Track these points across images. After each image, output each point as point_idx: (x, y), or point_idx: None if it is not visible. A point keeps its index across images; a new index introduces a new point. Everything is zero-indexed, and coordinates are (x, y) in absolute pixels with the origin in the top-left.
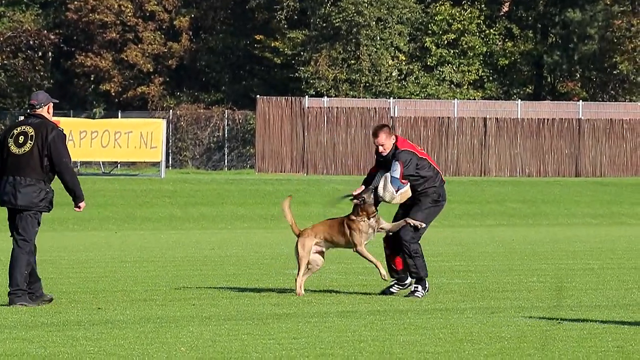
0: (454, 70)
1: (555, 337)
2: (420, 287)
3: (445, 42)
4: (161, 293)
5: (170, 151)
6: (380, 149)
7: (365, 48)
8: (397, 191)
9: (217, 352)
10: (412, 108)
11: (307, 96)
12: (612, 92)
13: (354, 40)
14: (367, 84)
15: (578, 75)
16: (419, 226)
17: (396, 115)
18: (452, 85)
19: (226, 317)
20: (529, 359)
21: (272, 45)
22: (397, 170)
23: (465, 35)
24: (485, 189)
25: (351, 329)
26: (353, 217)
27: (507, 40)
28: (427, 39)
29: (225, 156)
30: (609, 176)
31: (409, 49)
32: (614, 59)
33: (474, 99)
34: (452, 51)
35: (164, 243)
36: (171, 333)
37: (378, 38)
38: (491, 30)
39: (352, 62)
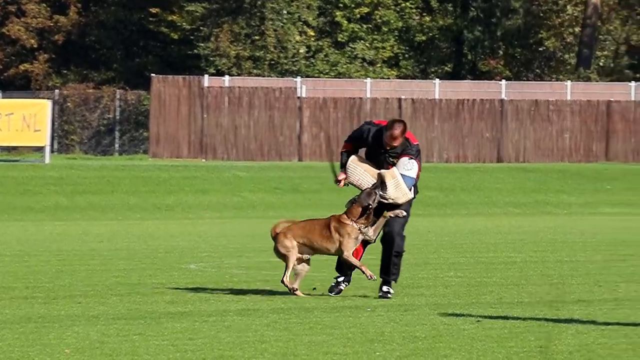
0: (366, 47)
1: (473, 336)
2: (390, 287)
3: (358, 16)
4: (44, 290)
5: (55, 135)
6: (395, 144)
7: (270, 23)
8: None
9: (104, 355)
10: (321, 88)
11: (206, 75)
12: (537, 70)
13: (258, 14)
14: (273, 62)
15: (501, 53)
16: (400, 215)
17: (304, 95)
18: (365, 64)
19: (115, 316)
20: (445, 359)
21: (169, 19)
22: (414, 169)
23: (379, 9)
24: None
25: (252, 328)
26: (346, 221)
27: (424, 14)
28: (337, 13)
29: (116, 140)
30: (533, 162)
31: (318, 24)
32: (540, 35)
33: (388, 78)
34: (364, 26)
35: (48, 235)
36: (54, 334)
37: (284, 12)
38: (407, 4)
39: (256, 37)
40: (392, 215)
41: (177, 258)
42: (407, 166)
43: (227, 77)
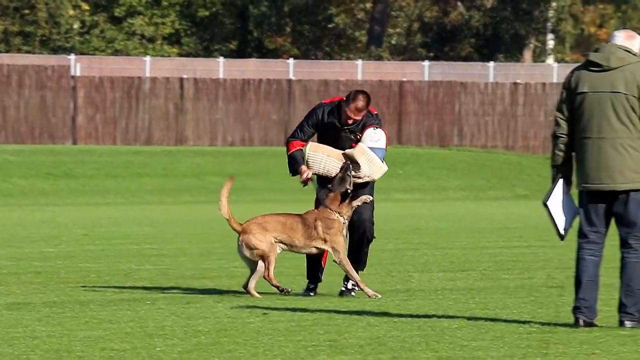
0: (145, 22)
1: (259, 330)
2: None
3: None
4: None
5: None
6: (358, 117)
7: None
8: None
9: None
10: (97, 66)
11: None
12: (327, 49)
13: None
14: (44, 38)
15: (288, 30)
16: (367, 200)
17: (78, 74)
18: (144, 40)
19: None
20: (229, 355)
21: None
22: (382, 139)
23: None
24: (181, 161)
25: (23, 323)
26: (331, 216)
27: None
28: None
29: None
30: None
31: None
32: (329, 11)
33: (169, 56)
34: (143, 0)
35: None
36: None
37: None
38: None
39: (26, 12)
40: (359, 204)
41: None
42: (374, 137)
43: None
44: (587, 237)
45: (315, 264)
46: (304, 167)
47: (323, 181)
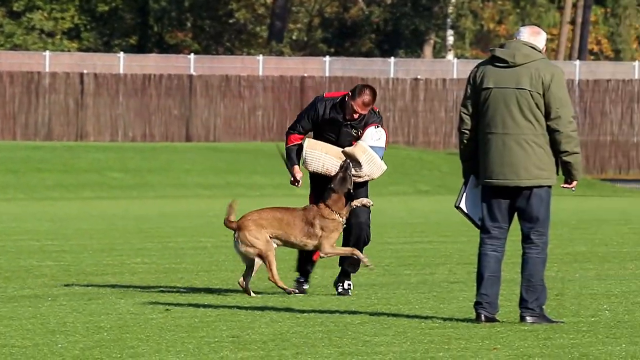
0: (44, 17)
1: (162, 326)
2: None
3: None
4: None
5: None
6: (365, 111)
7: None
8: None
9: None
10: None
11: None
12: (227, 44)
13: None
14: None
15: (189, 25)
16: (368, 204)
17: None
18: (43, 35)
19: None
20: (132, 351)
21: None
22: (382, 137)
23: None
24: (81, 156)
25: None
26: (331, 216)
27: None
28: None
29: None
30: (224, 141)
31: None
32: (230, 7)
33: (69, 51)
34: None
35: None
36: None
37: None
38: None
39: None
40: (358, 205)
41: None
42: (375, 136)
43: None
44: (489, 232)
45: (306, 257)
46: (296, 168)
47: (320, 180)
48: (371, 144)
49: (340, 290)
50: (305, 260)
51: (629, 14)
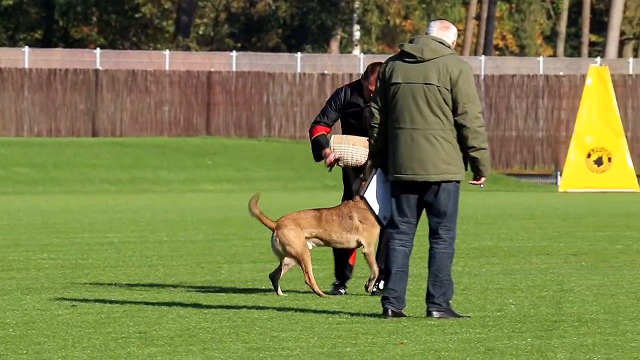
0: None
1: (68, 322)
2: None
3: None
4: None
5: None
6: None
7: None
8: None
9: None
10: None
11: None
12: (134, 39)
13: None
14: None
15: (95, 19)
16: None
17: None
18: None
19: None
20: (39, 347)
21: None
22: None
23: None
24: None
25: None
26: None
27: None
28: None
29: None
30: (130, 136)
31: None
32: (136, 1)
33: None
34: None
35: None
36: None
37: None
38: None
39: None
40: None
41: None
42: None
43: None
44: (397, 227)
45: (342, 262)
46: (327, 150)
47: (352, 172)
48: None
49: (374, 290)
50: (343, 265)
51: (534, 9)
